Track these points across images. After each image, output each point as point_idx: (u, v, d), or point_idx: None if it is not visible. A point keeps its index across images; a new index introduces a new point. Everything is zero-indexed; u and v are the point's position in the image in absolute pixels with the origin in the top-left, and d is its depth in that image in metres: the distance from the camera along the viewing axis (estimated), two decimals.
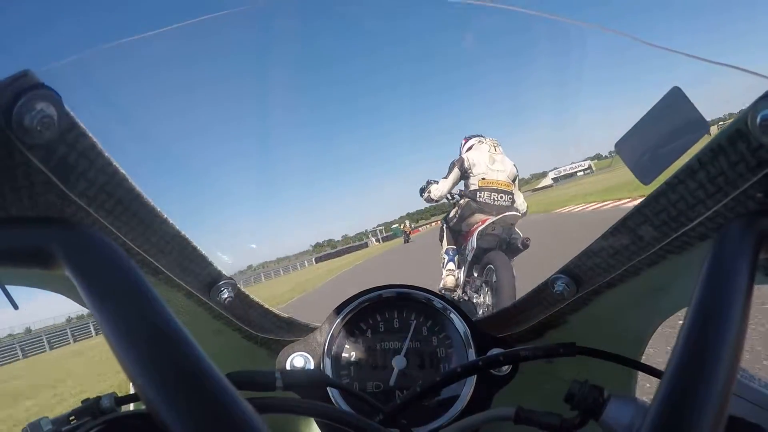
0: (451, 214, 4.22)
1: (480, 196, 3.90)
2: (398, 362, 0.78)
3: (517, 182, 4.09)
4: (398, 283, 0.85)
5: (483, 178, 3.92)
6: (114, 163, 0.42)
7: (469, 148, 4.12)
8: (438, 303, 0.82)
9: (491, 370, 0.75)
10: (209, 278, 0.65)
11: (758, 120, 0.34)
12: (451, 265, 4.21)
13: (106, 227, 0.45)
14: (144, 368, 0.25)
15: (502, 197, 3.91)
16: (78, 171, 0.39)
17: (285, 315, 0.84)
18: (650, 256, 0.53)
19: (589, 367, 0.68)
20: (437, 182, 4.13)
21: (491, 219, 3.76)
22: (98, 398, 0.52)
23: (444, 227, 4.37)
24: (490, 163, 3.94)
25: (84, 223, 0.38)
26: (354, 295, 0.84)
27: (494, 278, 3.58)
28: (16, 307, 0.46)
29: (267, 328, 0.80)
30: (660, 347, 2.25)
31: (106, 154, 0.41)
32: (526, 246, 3.86)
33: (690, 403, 0.26)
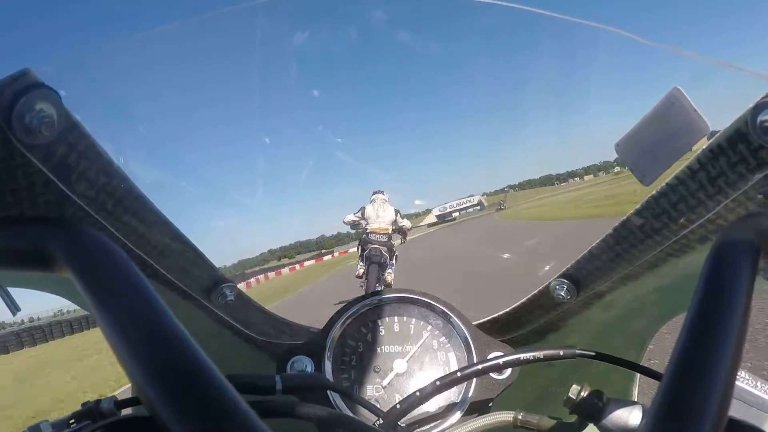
0: (362, 241, 7.80)
1: (370, 236, 7.59)
2: (399, 366, 0.78)
3: (398, 216, 7.72)
4: None
5: (372, 226, 7.58)
6: (114, 164, 0.42)
7: (372, 201, 7.74)
8: (438, 307, 0.81)
9: (491, 374, 0.75)
10: (210, 281, 0.65)
11: (758, 121, 0.34)
12: (361, 263, 7.76)
13: (106, 228, 0.45)
14: (145, 370, 0.25)
15: (382, 236, 7.60)
16: (78, 171, 0.39)
17: (285, 318, 0.84)
18: (650, 259, 0.53)
19: (589, 370, 0.67)
20: (350, 214, 7.72)
21: (371, 247, 7.52)
22: (98, 401, 0.52)
23: (358, 247, 8.08)
24: (375, 218, 7.60)
25: (84, 224, 0.38)
26: (354, 299, 0.83)
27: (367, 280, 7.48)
28: (18, 309, 0.46)
29: (267, 332, 0.80)
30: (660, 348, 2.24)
31: (106, 155, 0.40)
32: (386, 263, 7.61)
33: (690, 406, 0.25)
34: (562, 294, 0.67)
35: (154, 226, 0.50)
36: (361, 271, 7.89)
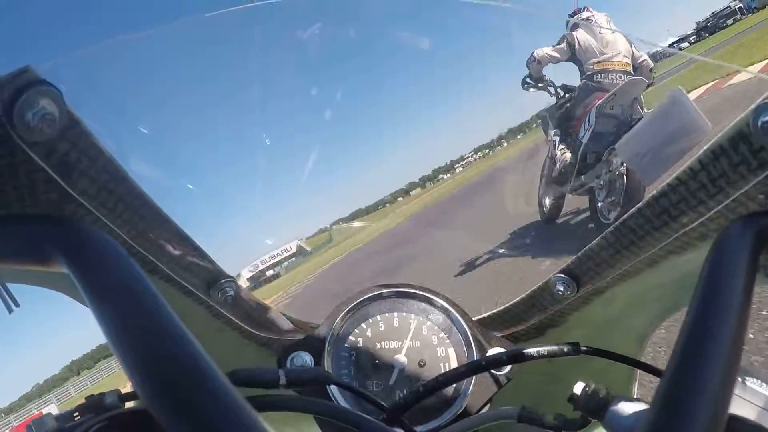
0: (559, 104, 4.10)
1: (598, 77, 3.62)
2: (398, 361, 0.78)
3: (632, 47, 3.74)
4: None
5: (598, 62, 3.63)
6: (115, 161, 0.42)
7: (575, 26, 3.79)
8: (438, 302, 0.82)
9: (493, 370, 0.75)
10: (210, 277, 0.65)
11: (760, 122, 0.34)
12: (563, 146, 4.01)
13: (106, 225, 0.45)
14: (143, 367, 0.25)
15: (621, 77, 3.53)
16: (79, 169, 0.39)
17: (286, 314, 0.84)
18: (651, 256, 0.54)
19: (589, 367, 0.68)
20: (547, 47, 3.87)
21: (614, 99, 3.30)
22: (102, 395, 0.52)
23: (548, 118, 4.21)
24: (603, 47, 3.64)
25: (85, 221, 0.39)
26: (355, 294, 0.84)
27: (624, 181, 3.31)
28: (17, 304, 0.46)
29: (267, 327, 0.80)
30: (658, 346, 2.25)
31: (107, 152, 0.41)
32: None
33: (691, 403, 0.26)
34: (562, 290, 0.68)
35: (154, 223, 0.50)
36: (567, 155, 3.86)
